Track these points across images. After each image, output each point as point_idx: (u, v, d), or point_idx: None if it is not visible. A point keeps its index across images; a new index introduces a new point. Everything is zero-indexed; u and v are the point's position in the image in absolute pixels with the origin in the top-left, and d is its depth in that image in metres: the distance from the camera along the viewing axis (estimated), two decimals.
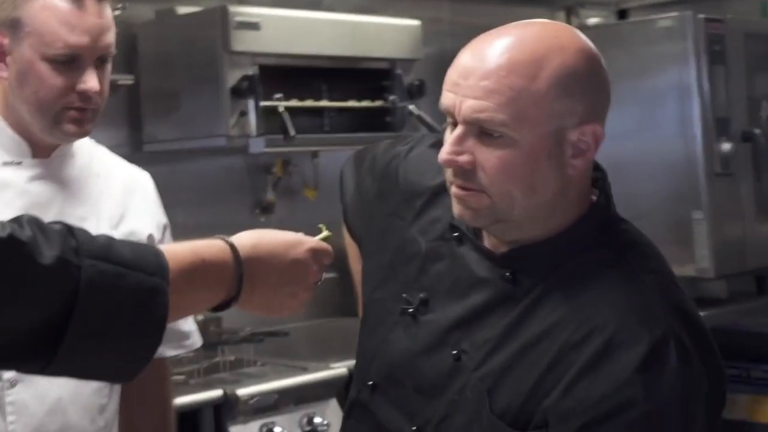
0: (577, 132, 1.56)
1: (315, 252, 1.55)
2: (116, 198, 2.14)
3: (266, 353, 3.58)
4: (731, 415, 4.85)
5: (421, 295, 1.71)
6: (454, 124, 1.58)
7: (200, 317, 3.72)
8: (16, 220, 1.28)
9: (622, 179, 4.32)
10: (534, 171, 1.56)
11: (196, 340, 2.29)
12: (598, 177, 1.67)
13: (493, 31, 1.60)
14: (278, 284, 1.51)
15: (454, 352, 1.63)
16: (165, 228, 2.23)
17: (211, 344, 3.62)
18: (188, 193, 3.93)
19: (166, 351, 2.16)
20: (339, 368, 3.33)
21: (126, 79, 3.39)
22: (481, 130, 1.55)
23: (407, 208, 1.81)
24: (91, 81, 1.99)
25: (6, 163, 2.05)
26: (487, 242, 1.68)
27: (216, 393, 3.17)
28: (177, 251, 1.38)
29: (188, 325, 2.22)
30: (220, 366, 3.51)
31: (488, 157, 1.55)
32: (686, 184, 4.39)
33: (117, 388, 2.13)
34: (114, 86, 3.37)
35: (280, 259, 1.50)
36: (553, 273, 1.60)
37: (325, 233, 1.63)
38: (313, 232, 1.83)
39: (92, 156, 2.17)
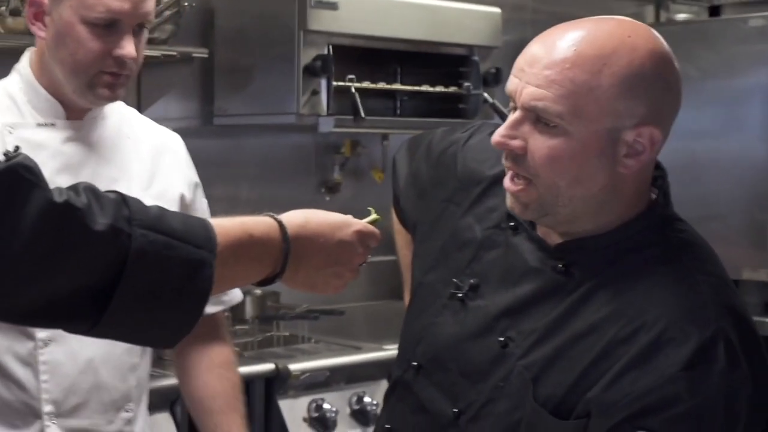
0: (633, 133, 1.57)
1: (361, 234, 1.57)
2: (146, 159, 2.17)
3: (321, 331, 3.61)
4: None
5: (472, 281, 1.74)
6: (515, 109, 1.61)
7: (258, 291, 3.78)
8: (73, 188, 1.33)
9: (701, 178, 4.32)
10: (582, 165, 1.58)
11: (236, 295, 2.33)
12: (657, 176, 1.69)
13: (567, 23, 1.62)
14: (324, 263, 1.53)
15: (501, 339, 1.66)
16: (197, 186, 2.26)
17: (266, 318, 3.68)
18: (255, 168, 3.98)
19: (208, 309, 2.18)
20: (392, 350, 3.32)
21: (200, 53, 3.42)
22: (537, 118, 1.57)
23: (464, 195, 1.84)
24: (128, 47, 2.02)
25: (40, 125, 2.08)
26: (542, 232, 1.70)
27: (268, 366, 3.21)
28: (226, 225, 1.42)
29: None
30: (274, 340, 3.56)
31: (539, 145, 1.57)
32: (766, 187, 4.33)
33: (149, 349, 2.17)
34: (188, 58, 3.41)
35: (327, 239, 1.53)
36: (606, 268, 1.62)
37: (373, 216, 1.65)
38: (379, 213, 1.84)
39: (123, 119, 2.20)
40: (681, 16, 4.89)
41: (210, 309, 2.17)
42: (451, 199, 1.85)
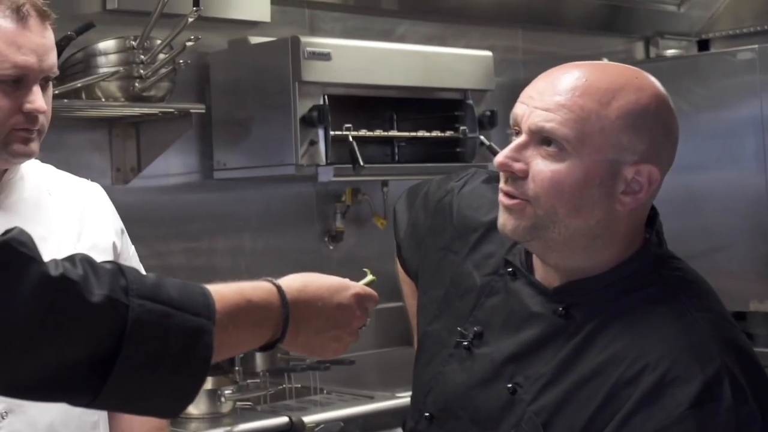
0: (633, 169, 1.60)
1: (359, 297, 1.58)
2: (71, 213, 2.14)
3: (332, 381, 3.60)
4: None
5: (476, 328, 1.75)
6: (519, 134, 1.63)
7: None
8: (69, 259, 1.32)
9: (701, 212, 4.34)
10: (582, 194, 1.59)
11: None
12: (650, 215, 1.70)
13: (575, 63, 1.66)
14: (323, 327, 1.54)
15: (509, 385, 1.67)
16: (123, 233, 2.21)
17: (277, 371, 3.66)
18: (257, 219, 3.98)
19: None
20: (404, 397, 3.33)
21: (197, 108, 3.44)
22: (542, 142, 1.60)
23: (461, 242, 1.86)
24: (38, 101, 1.99)
25: None
26: (540, 277, 1.71)
27: (282, 419, 3.19)
28: (224, 292, 1.42)
29: None
30: (287, 393, 3.53)
31: (542, 168, 1.59)
32: (764, 219, 4.34)
33: None
34: (185, 114, 3.43)
35: (325, 303, 1.53)
36: (605, 309, 1.63)
37: (369, 277, 1.67)
38: (381, 260, 1.86)
39: (41, 176, 2.16)
40: (670, 52, 4.94)
41: None
42: (449, 247, 1.87)
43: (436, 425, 1.77)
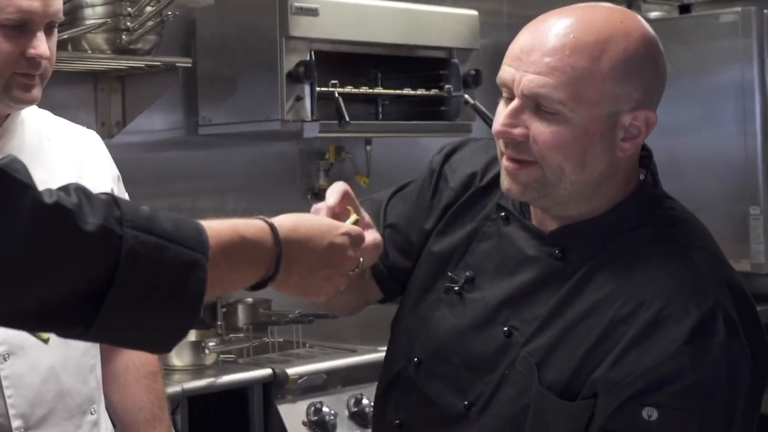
0: (630, 116, 1.60)
1: (351, 237, 1.57)
2: (71, 159, 2.13)
3: (314, 336, 3.62)
4: None
5: (468, 273, 1.75)
6: (510, 99, 1.62)
7: (249, 299, 3.80)
8: (64, 188, 1.31)
9: (680, 174, 4.36)
10: (586, 149, 1.59)
11: None
12: (644, 156, 1.71)
13: (557, 10, 1.63)
14: (315, 267, 1.53)
15: (505, 329, 1.67)
16: (119, 179, 2.21)
17: (260, 325, 3.68)
18: (241, 178, 3.98)
19: None
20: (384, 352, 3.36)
21: (183, 62, 3.43)
22: (537, 105, 1.59)
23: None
24: (41, 46, 1.97)
25: None
26: (535, 221, 1.71)
27: (265, 372, 3.22)
28: (217, 228, 1.41)
29: None
30: (269, 346, 3.56)
31: (542, 131, 1.59)
32: (744, 180, 4.39)
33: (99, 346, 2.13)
34: (171, 69, 3.43)
35: (318, 242, 1.52)
36: (601, 250, 1.64)
37: (353, 217, 1.67)
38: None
39: (41, 121, 2.15)
40: (653, 14, 4.95)
41: None
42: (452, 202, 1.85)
43: (425, 370, 1.76)
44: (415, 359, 1.78)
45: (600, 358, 1.58)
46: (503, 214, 1.74)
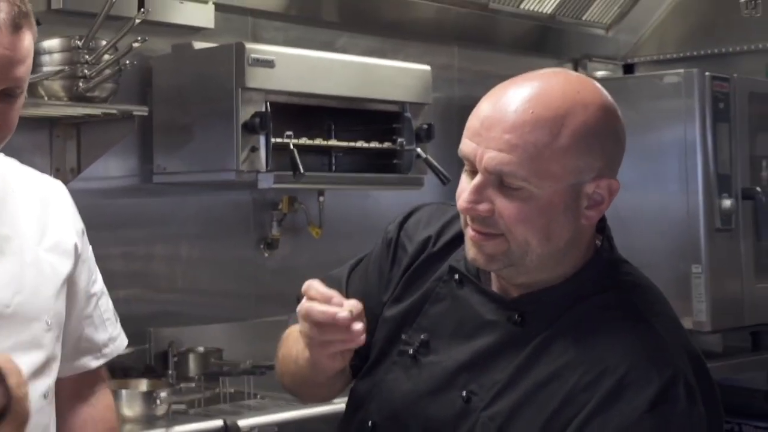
0: (593, 185, 1.58)
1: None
2: (36, 212, 2.01)
3: (266, 387, 3.56)
4: None
5: (422, 336, 1.71)
6: (473, 172, 1.60)
7: (201, 349, 3.74)
8: None
9: (624, 232, 4.30)
10: (551, 222, 1.58)
11: (120, 344, 2.16)
12: (598, 221, 1.69)
13: (515, 81, 1.61)
14: None
15: (464, 393, 1.64)
16: (83, 233, 2.09)
17: (211, 375, 3.63)
18: (195, 226, 3.94)
19: (90, 363, 2.08)
20: (339, 404, 3.30)
21: (140, 110, 3.39)
22: (500, 181, 1.57)
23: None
24: None
25: None
26: (495, 286, 1.69)
27: (217, 423, 3.17)
28: None
29: (105, 333, 2.11)
30: (221, 397, 3.51)
31: (507, 206, 1.57)
32: (687, 239, 4.41)
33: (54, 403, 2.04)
34: (128, 117, 3.39)
35: None
36: (562, 316, 1.62)
37: None
38: (315, 269, 1.84)
39: (7, 169, 2.03)
40: (599, 73, 5.00)
41: (92, 363, 2.08)
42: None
43: None
44: (370, 423, 1.74)
45: (563, 424, 1.55)
46: (456, 276, 1.72)
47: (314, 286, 1.61)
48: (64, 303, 1.98)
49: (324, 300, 1.58)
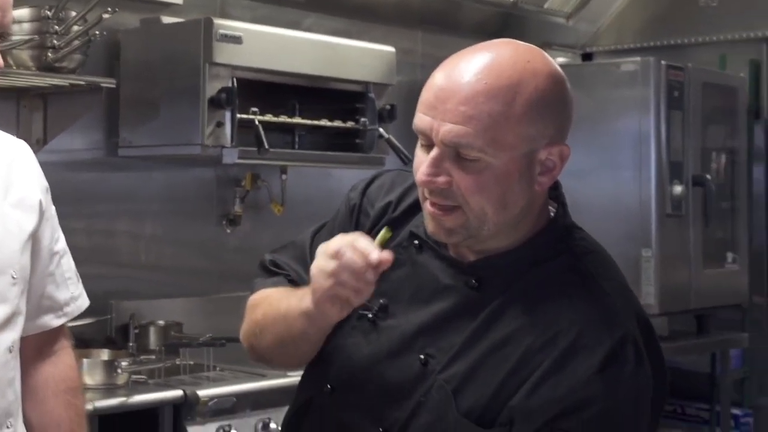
0: (545, 152, 1.59)
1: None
2: (1, 170, 2.00)
3: (225, 359, 3.55)
4: None
5: (381, 300, 1.71)
6: (429, 146, 1.59)
7: (161, 322, 3.71)
8: None
9: (578, 216, 4.35)
10: (507, 190, 1.58)
11: (81, 304, 2.14)
12: (552, 187, 1.69)
13: (465, 53, 1.60)
14: None
15: (421, 356, 1.64)
16: (48, 191, 2.08)
17: (172, 347, 3.60)
18: (158, 202, 3.91)
19: (51, 322, 2.07)
20: (295, 376, 3.28)
21: (107, 83, 3.35)
22: (457, 153, 1.56)
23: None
24: None
25: None
26: (453, 251, 1.69)
27: (176, 393, 3.17)
28: None
29: (67, 292, 2.10)
30: (181, 368, 3.50)
31: (464, 177, 1.57)
32: (638, 224, 4.45)
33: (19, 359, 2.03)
34: (95, 89, 3.35)
35: None
36: (517, 280, 1.63)
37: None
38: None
39: None
40: (558, 60, 5.00)
41: (54, 321, 2.07)
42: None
43: (338, 397, 1.72)
44: (328, 386, 1.74)
45: (517, 385, 1.57)
46: (416, 242, 1.72)
47: (360, 239, 1.59)
48: (29, 259, 1.96)
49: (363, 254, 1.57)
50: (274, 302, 1.77)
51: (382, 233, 1.61)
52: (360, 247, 1.58)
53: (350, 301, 1.60)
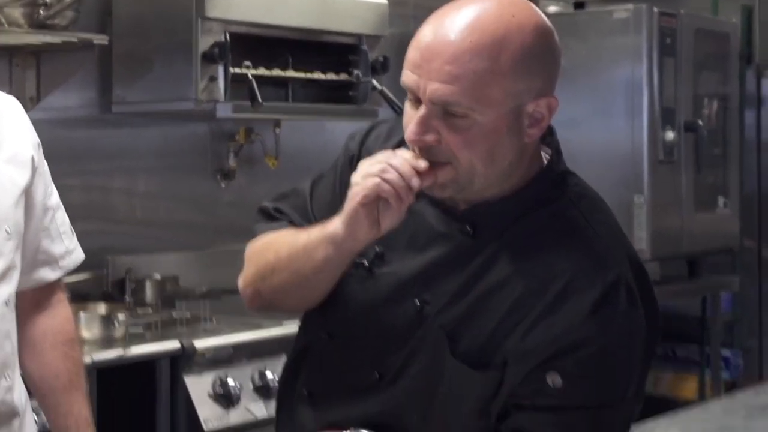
0: (533, 105, 1.59)
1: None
2: None
3: (222, 311, 3.57)
4: (656, 391, 4.94)
5: (377, 249, 1.71)
6: (416, 101, 1.59)
7: (157, 276, 3.72)
8: None
9: (572, 164, 4.38)
10: (495, 144, 1.58)
11: (77, 257, 2.16)
12: (546, 134, 1.70)
13: (450, 9, 1.59)
14: None
15: (417, 302, 1.66)
16: (40, 147, 2.09)
17: (168, 300, 3.62)
18: (152, 158, 3.91)
19: (47, 275, 2.09)
20: (291, 326, 3.31)
21: (100, 39, 3.33)
22: (445, 110, 1.56)
23: None
24: None
25: None
26: (448, 200, 1.69)
27: (173, 345, 3.18)
28: None
29: (62, 246, 2.11)
30: (177, 321, 3.50)
31: (452, 134, 1.57)
32: (631, 170, 4.46)
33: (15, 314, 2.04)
34: (88, 45, 3.33)
35: None
36: (511, 226, 1.64)
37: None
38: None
39: None
40: (551, 8, 4.97)
41: (50, 275, 2.08)
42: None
43: (336, 343, 1.75)
44: (326, 333, 1.76)
45: (510, 328, 1.59)
46: None
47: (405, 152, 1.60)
48: (23, 214, 1.97)
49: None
50: (288, 239, 1.75)
51: None
52: (407, 156, 1.59)
53: (387, 213, 1.59)
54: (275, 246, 1.77)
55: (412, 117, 1.59)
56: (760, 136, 5.25)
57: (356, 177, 1.62)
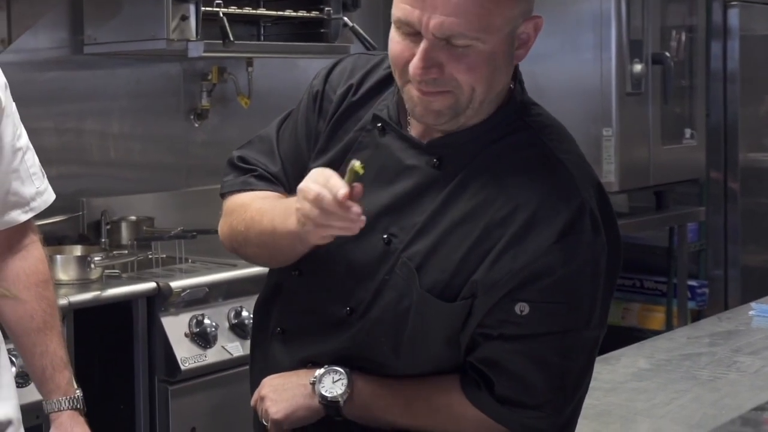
0: (523, 26, 1.58)
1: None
2: None
3: (196, 252, 3.55)
4: (624, 322, 4.96)
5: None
6: (411, 35, 1.56)
7: (133, 217, 3.67)
8: None
9: (540, 98, 4.33)
10: (495, 69, 1.58)
11: (48, 198, 2.12)
12: None
13: None
14: None
15: (385, 236, 1.65)
16: (7, 87, 2.03)
17: (143, 241, 3.58)
18: (125, 99, 3.84)
19: (19, 217, 2.05)
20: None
21: None
22: (448, 43, 1.54)
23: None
24: None
25: None
26: (413, 131, 1.68)
27: (149, 285, 3.16)
28: None
29: (32, 187, 2.07)
30: (153, 261, 3.49)
31: (456, 65, 1.55)
32: (599, 103, 4.44)
33: None
34: None
35: None
36: (476, 157, 1.63)
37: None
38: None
39: None
40: None
41: (21, 216, 2.05)
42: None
43: (306, 280, 1.73)
44: (296, 271, 1.73)
45: (478, 259, 1.59)
46: (379, 124, 1.70)
47: (333, 178, 1.53)
48: None
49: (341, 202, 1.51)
50: (256, 216, 1.72)
51: (354, 167, 1.53)
52: (330, 184, 1.52)
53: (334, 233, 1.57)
54: (245, 219, 1.75)
55: (403, 50, 1.57)
56: (726, 67, 5.21)
57: (301, 187, 1.55)
